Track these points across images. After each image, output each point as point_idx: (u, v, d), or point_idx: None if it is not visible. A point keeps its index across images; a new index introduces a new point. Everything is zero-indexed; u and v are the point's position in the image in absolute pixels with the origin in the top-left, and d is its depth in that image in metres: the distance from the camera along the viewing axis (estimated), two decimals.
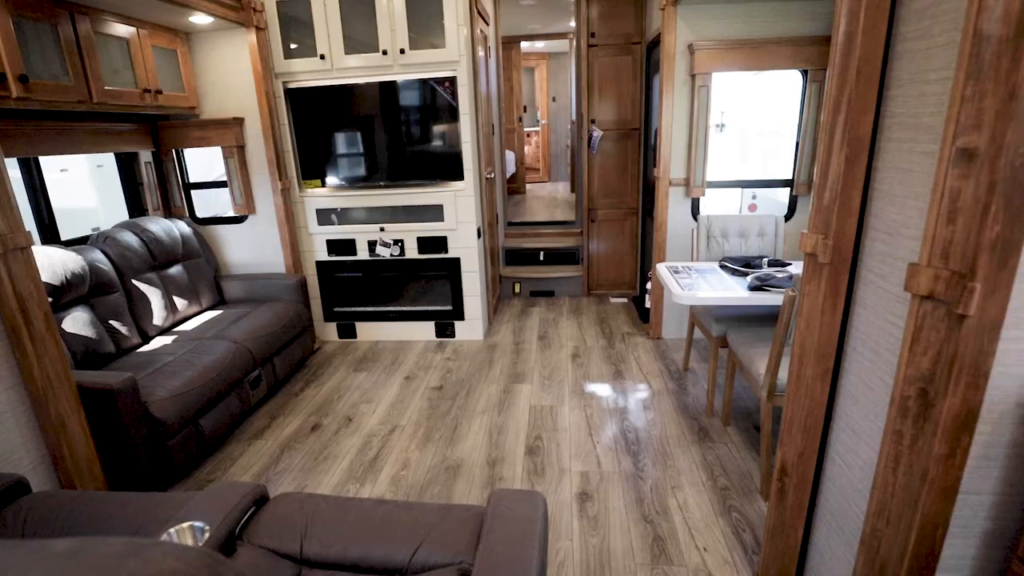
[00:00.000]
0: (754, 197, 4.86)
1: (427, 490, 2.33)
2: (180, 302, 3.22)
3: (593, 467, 2.43)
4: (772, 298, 2.32)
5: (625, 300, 4.67)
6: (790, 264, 2.67)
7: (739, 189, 4.50)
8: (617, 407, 2.92)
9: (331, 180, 3.72)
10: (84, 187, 4.27)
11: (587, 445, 2.59)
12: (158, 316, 3.05)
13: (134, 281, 2.97)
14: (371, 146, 3.70)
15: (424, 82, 3.50)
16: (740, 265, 2.68)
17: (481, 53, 3.93)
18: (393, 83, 3.51)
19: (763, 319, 2.59)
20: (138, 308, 2.96)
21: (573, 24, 6.21)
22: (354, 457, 2.59)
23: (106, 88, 2.69)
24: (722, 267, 2.78)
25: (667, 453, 2.50)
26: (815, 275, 1.40)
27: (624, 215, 4.66)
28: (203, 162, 3.76)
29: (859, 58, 1.22)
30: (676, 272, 2.70)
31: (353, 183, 3.72)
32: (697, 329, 3.24)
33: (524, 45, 8.02)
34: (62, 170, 4.04)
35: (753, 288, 2.36)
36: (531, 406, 2.98)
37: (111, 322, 2.77)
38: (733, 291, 2.39)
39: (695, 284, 2.51)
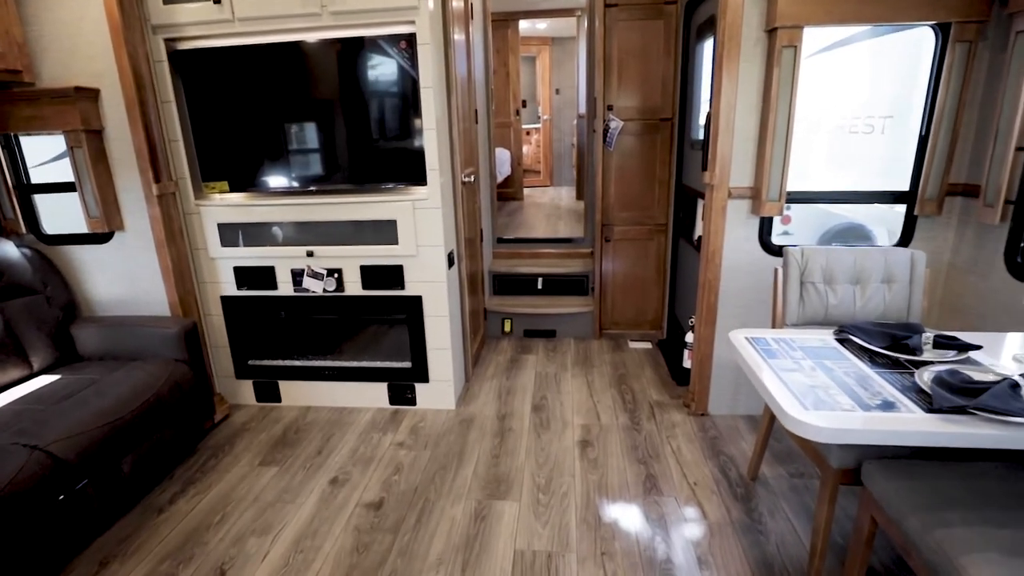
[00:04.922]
0: (788, 208, 3.71)
1: None
2: None
3: None
4: (986, 430, 1.18)
5: (649, 346, 3.54)
6: (977, 347, 1.50)
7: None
8: (654, 560, 1.79)
9: (240, 182, 2.60)
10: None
11: None
12: None
13: None
14: (293, 135, 2.57)
15: (368, 41, 2.38)
16: (880, 343, 1.54)
17: (460, 36, 2.83)
18: (323, 42, 2.39)
19: (945, 449, 1.46)
20: None
21: None
22: None
23: None
24: (842, 342, 1.64)
25: None
26: None
27: (648, 233, 3.54)
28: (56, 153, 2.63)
29: None
30: (769, 353, 1.56)
31: (270, 188, 2.60)
32: (770, 417, 2.10)
33: (523, 26, 6.88)
34: None
35: (949, 409, 1.22)
36: (517, 551, 1.85)
37: None
38: (907, 416, 1.23)
39: (818, 387, 1.37)
